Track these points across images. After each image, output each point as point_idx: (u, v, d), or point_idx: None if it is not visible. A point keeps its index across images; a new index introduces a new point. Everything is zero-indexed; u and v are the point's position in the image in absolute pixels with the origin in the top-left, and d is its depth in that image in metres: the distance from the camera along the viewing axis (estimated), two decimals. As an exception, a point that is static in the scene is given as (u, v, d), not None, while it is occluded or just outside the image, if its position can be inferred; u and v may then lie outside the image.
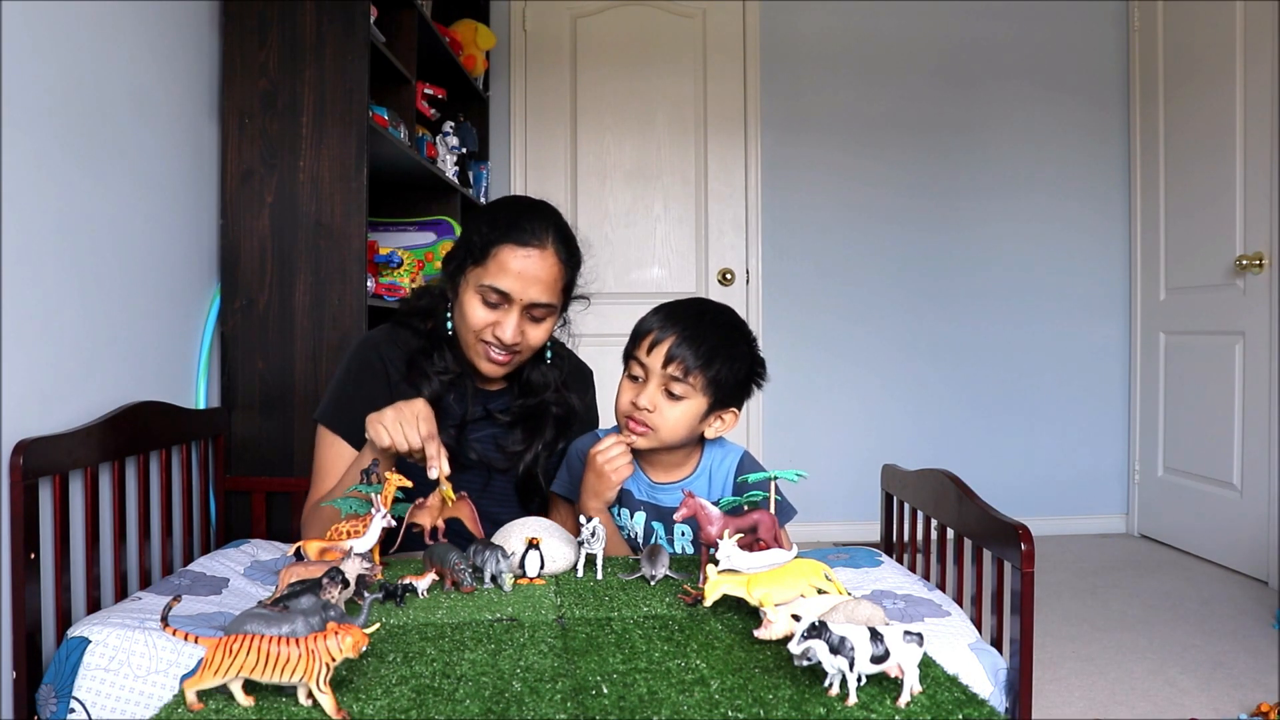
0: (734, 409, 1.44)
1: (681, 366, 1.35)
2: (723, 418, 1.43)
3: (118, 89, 1.64)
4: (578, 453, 1.51)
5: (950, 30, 3.68)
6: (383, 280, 2.36)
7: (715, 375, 1.36)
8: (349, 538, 1.18)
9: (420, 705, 0.84)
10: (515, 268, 1.39)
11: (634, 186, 3.69)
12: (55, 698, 1.06)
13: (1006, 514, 1.26)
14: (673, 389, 1.36)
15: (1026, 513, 3.43)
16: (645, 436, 1.39)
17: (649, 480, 1.48)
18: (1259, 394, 2.99)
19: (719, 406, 1.41)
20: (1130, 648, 2.40)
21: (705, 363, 1.36)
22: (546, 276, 1.42)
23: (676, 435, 1.39)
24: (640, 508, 1.47)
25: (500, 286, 1.39)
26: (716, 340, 1.37)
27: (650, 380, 1.37)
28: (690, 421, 1.39)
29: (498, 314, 1.42)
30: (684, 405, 1.37)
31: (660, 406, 1.37)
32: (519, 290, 1.40)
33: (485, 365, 1.46)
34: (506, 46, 3.62)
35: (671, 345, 1.35)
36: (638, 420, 1.38)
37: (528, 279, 1.40)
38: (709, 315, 1.42)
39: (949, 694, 0.88)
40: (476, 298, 1.42)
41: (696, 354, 1.35)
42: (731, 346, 1.39)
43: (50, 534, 1.33)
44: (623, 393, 1.41)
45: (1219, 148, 3.20)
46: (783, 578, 1.03)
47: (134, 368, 1.69)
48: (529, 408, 1.55)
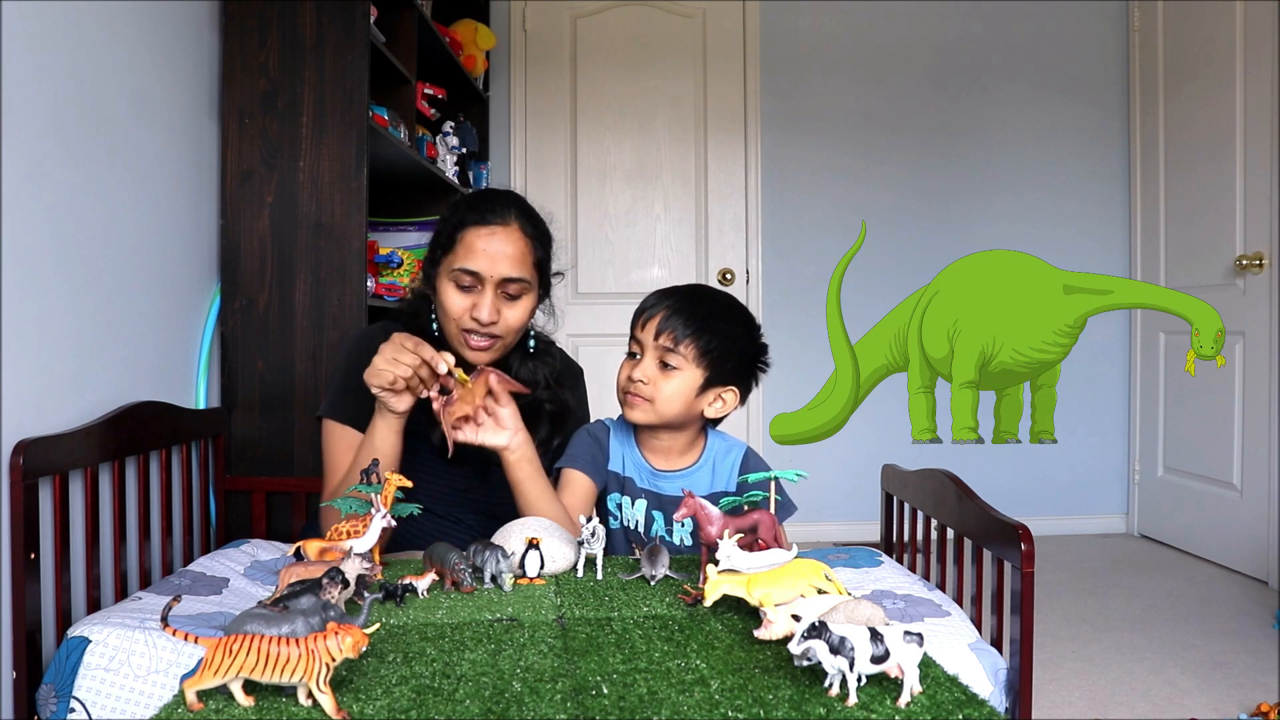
0: (733, 388, 1.46)
1: (671, 336, 1.40)
2: (723, 397, 1.46)
3: (118, 89, 1.64)
4: (588, 432, 1.54)
5: (950, 30, 3.68)
6: (383, 280, 2.36)
7: (706, 345, 1.40)
8: (349, 538, 1.18)
9: (420, 705, 0.84)
10: (480, 246, 1.43)
11: (634, 186, 3.69)
12: (55, 697, 1.06)
13: (1006, 514, 1.26)
14: (666, 359, 1.41)
15: (1026, 513, 3.43)
16: (640, 409, 1.43)
17: (651, 468, 1.49)
18: (1259, 394, 2.99)
19: (716, 383, 1.44)
20: (1130, 648, 2.40)
21: (695, 332, 1.40)
22: (514, 251, 1.45)
23: (672, 408, 1.42)
24: (641, 495, 1.48)
25: (470, 267, 1.43)
26: (708, 313, 1.42)
27: (646, 353, 1.43)
28: (686, 395, 1.42)
29: (473, 296, 1.44)
30: (679, 377, 1.41)
31: (655, 379, 1.41)
32: (488, 268, 1.43)
33: (469, 354, 1.48)
34: (506, 46, 3.62)
35: (663, 317, 1.41)
36: (633, 393, 1.42)
37: (494, 255, 1.43)
38: (705, 294, 1.47)
39: (949, 694, 0.88)
40: (451, 284, 1.45)
41: (686, 323, 1.40)
42: (724, 322, 1.44)
43: (50, 534, 1.33)
44: (621, 370, 1.46)
45: (1219, 148, 3.20)
46: (783, 578, 1.03)
47: (134, 368, 1.69)
48: (521, 405, 1.56)
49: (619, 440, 1.53)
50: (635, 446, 1.50)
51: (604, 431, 1.54)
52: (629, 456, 1.51)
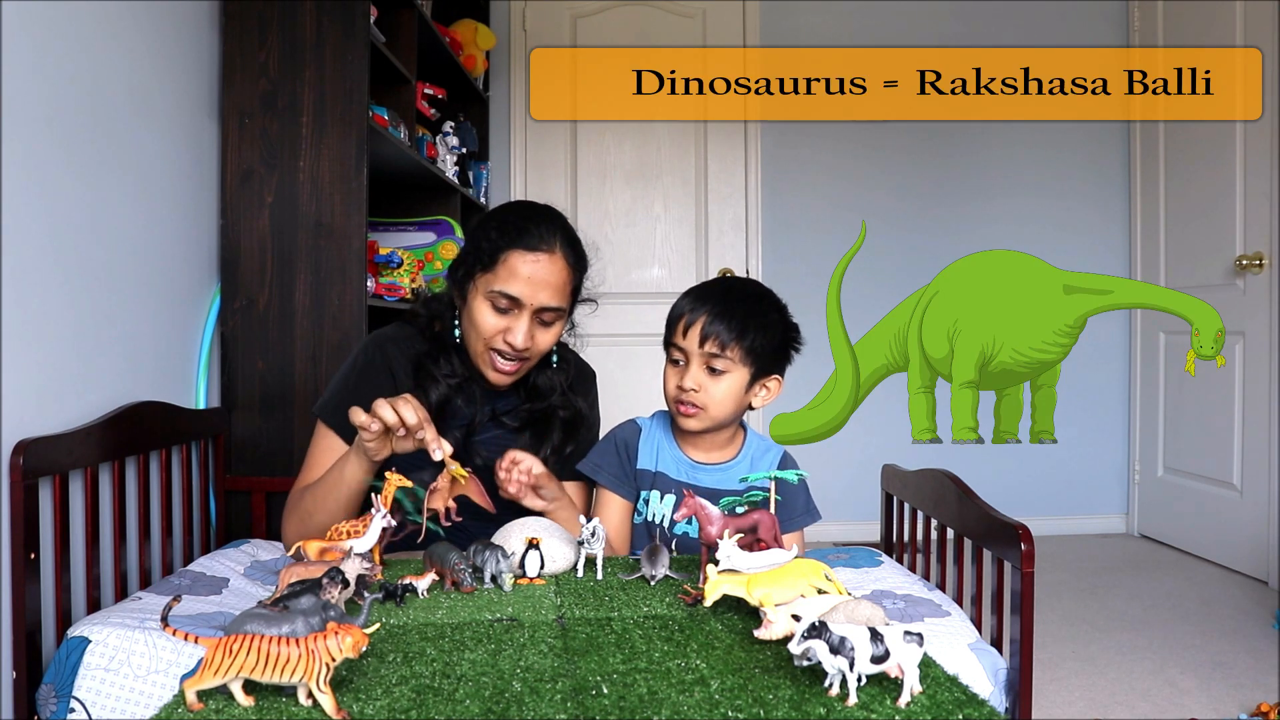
0: (776, 376, 1.47)
1: (717, 342, 1.39)
2: (767, 386, 1.47)
3: (118, 89, 1.64)
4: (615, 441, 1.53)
5: (950, 30, 3.68)
6: (383, 280, 2.36)
7: (751, 345, 1.40)
8: (349, 538, 1.18)
9: (420, 705, 0.84)
10: (525, 273, 1.41)
11: (634, 186, 3.69)
12: (55, 697, 1.06)
13: (1006, 514, 1.26)
14: (714, 365, 1.40)
15: (1026, 513, 3.42)
16: (696, 417, 1.43)
17: (690, 460, 1.49)
18: (1259, 394, 2.99)
19: (761, 375, 1.45)
20: (1130, 648, 2.40)
21: (739, 334, 1.39)
22: (555, 280, 1.43)
23: (725, 410, 1.43)
24: (672, 489, 1.47)
25: (510, 292, 1.40)
26: (746, 311, 1.41)
27: (691, 361, 1.42)
28: (736, 394, 1.43)
29: (508, 319, 1.43)
30: (727, 379, 1.41)
31: (705, 385, 1.41)
32: (529, 295, 1.41)
33: (492, 375, 1.47)
34: (506, 46, 3.62)
35: (705, 324, 1.40)
36: (685, 403, 1.42)
37: (537, 283, 1.41)
38: (736, 289, 1.46)
39: (949, 694, 0.88)
40: (486, 304, 1.43)
41: (729, 327, 1.39)
42: (763, 315, 1.43)
43: (50, 534, 1.33)
44: (668, 379, 1.46)
45: (1219, 148, 3.20)
46: (783, 578, 1.03)
47: (134, 368, 1.69)
48: (536, 412, 1.57)
49: (655, 437, 1.52)
50: (674, 442, 1.50)
51: (634, 434, 1.53)
52: (666, 452, 1.51)
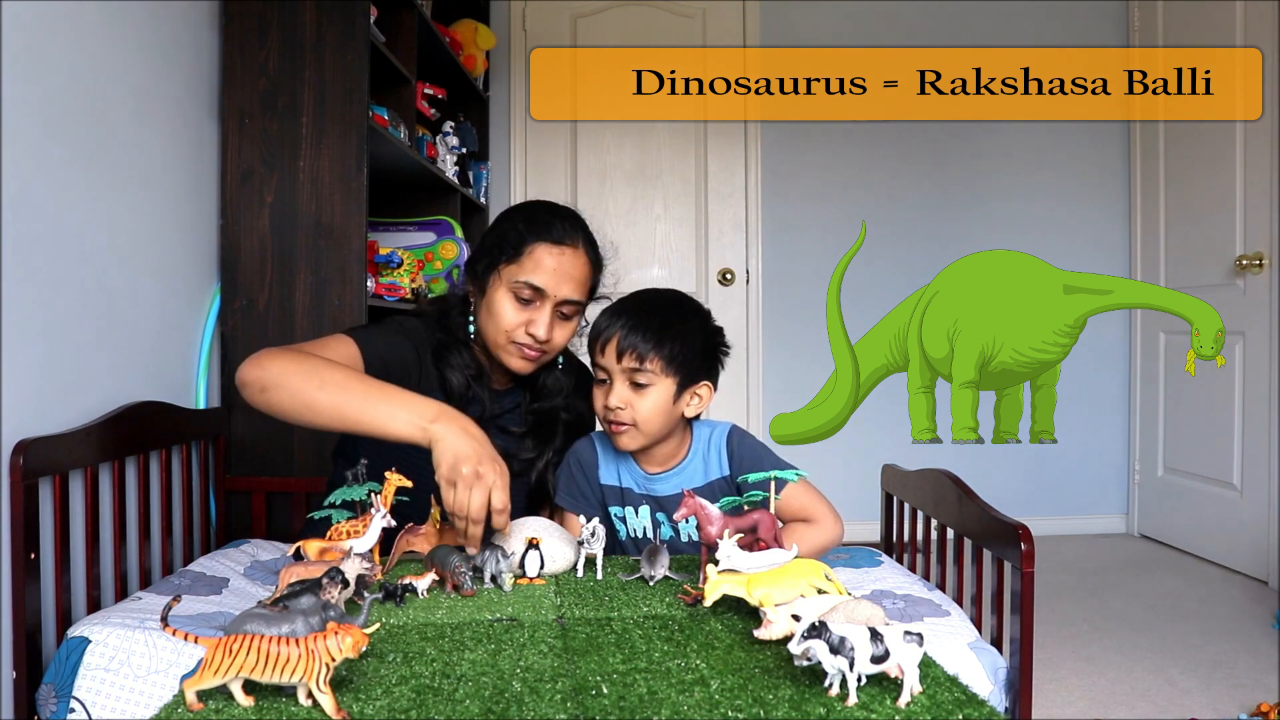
0: (706, 383, 1.45)
1: (635, 355, 1.37)
2: (698, 394, 1.44)
3: (118, 89, 1.64)
4: (575, 460, 1.52)
5: (950, 31, 3.68)
6: (383, 280, 2.36)
7: (671, 354, 1.38)
8: (349, 538, 1.18)
9: (420, 705, 0.84)
10: (550, 264, 1.44)
11: (634, 186, 3.69)
12: (55, 697, 1.07)
13: (1006, 514, 1.26)
14: (636, 379, 1.38)
15: (1026, 513, 3.41)
16: (628, 434, 1.41)
17: (644, 472, 1.48)
18: (1259, 394, 2.99)
19: (688, 383, 1.42)
20: (1130, 648, 2.40)
21: (657, 344, 1.38)
22: (578, 274, 1.47)
23: (656, 425, 1.41)
24: (642, 502, 1.48)
25: (535, 282, 1.43)
26: (663, 320, 1.40)
27: (614, 378, 1.40)
28: (665, 407, 1.40)
29: (529, 311, 1.45)
30: (653, 393, 1.39)
31: (631, 401, 1.39)
32: (553, 286, 1.44)
33: (517, 363, 1.48)
34: (506, 46, 3.62)
35: (620, 338, 1.38)
36: (614, 421, 1.40)
37: (561, 275, 1.44)
38: (650, 300, 1.45)
39: (949, 694, 0.88)
40: (509, 295, 1.44)
41: (645, 338, 1.37)
42: (681, 322, 1.42)
43: (50, 534, 1.33)
44: (595, 399, 1.44)
45: (1219, 148, 3.20)
46: (783, 578, 1.03)
47: (134, 368, 1.69)
48: (540, 415, 1.57)
49: (609, 453, 1.51)
50: (628, 456, 1.49)
51: (590, 451, 1.52)
52: (622, 467, 1.50)
